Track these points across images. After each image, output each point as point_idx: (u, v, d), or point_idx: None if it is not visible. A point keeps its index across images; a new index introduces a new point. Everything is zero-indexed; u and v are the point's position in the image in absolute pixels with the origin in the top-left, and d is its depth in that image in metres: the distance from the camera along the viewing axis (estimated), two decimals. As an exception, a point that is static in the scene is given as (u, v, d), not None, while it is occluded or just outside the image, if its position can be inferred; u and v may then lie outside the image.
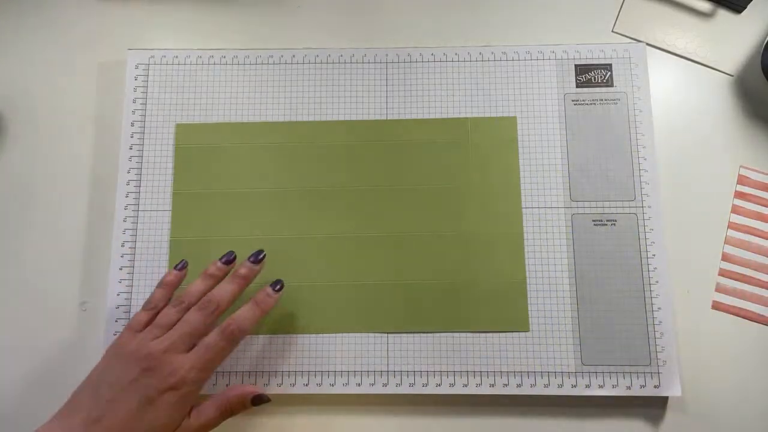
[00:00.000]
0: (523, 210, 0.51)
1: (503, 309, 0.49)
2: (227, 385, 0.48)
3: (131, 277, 0.50)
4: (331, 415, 0.48)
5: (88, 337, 0.50)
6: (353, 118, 0.53)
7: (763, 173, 0.53)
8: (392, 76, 0.54)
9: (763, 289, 0.50)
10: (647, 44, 0.55)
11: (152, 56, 0.54)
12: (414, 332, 0.49)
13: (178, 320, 0.42)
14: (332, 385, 0.48)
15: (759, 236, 0.51)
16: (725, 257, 0.51)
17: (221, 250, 0.50)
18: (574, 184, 0.51)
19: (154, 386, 0.39)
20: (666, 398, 0.48)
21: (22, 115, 0.54)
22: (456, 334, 0.49)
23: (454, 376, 0.48)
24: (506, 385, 0.48)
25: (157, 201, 0.51)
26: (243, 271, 0.45)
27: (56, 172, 0.53)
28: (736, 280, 0.51)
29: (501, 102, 0.53)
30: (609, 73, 0.53)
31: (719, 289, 0.50)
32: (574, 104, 0.53)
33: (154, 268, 0.50)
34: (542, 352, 0.48)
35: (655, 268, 0.49)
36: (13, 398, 0.49)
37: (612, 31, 0.56)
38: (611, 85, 0.53)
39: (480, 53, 0.54)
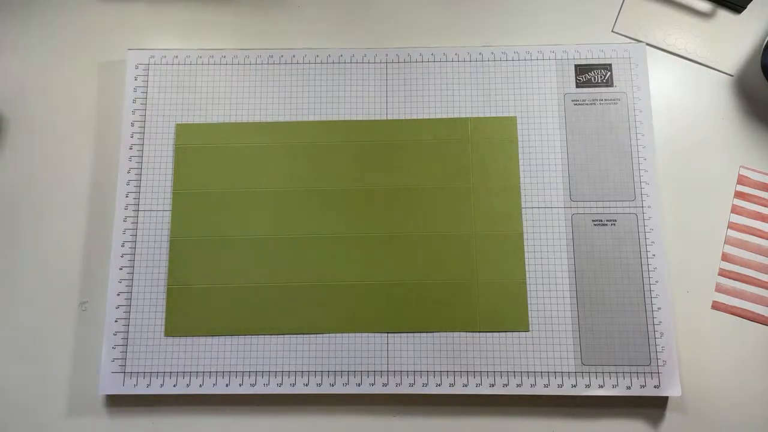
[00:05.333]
0: (523, 210, 0.51)
1: (503, 309, 0.49)
2: (227, 385, 0.48)
3: (131, 277, 0.50)
4: (332, 415, 0.48)
5: (88, 337, 0.50)
6: (353, 118, 0.53)
7: (763, 173, 0.53)
8: (392, 76, 0.54)
9: (763, 289, 0.50)
10: (647, 44, 0.55)
11: (152, 56, 0.54)
12: (414, 332, 0.49)
13: None
14: (332, 385, 0.48)
15: (759, 236, 0.51)
16: (725, 257, 0.51)
17: (221, 250, 0.50)
18: (574, 184, 0.51)
19: None
20: (666, 398, 0.48)
21: (22, 115, 0.54)
22: (456, 334, 0.49)
23: (454, 376, 0.48)
24: (506, 385, 0.48)
25: (157, 201, 0.51)
26: None
27: (56, 172, 0.53)
28: (736, 280, 0.51)
29: (501, 102, 0.53)
30: (609, 73, 0.53)
31: (719, 289, 0.50)
32: (574, 104, 0.53)
33: (154, 268, 0.50)
34: (542, 352, 0.48)
35: (655, 268, 0.49)
36: (13, 398, 0.49)
37: (612, 31, 0.56)
38: (611, 85, 0.53)
39: (480, 53, 0.54)
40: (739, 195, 0.52)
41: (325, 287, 0.50)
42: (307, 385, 0.48)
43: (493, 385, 0.48)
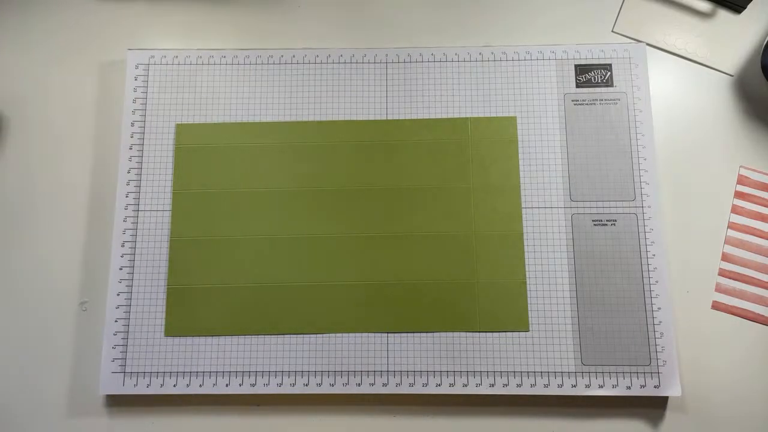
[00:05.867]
0: (523, 210, 0.51)
1: (503, 309, 0.49)
2: (227, 385, 0.48)
3: (131, 277, 0.50)
4: (331, 415, 0.48)
5: (88, 337, 0.50)
6: (353, 118, 0.53)
7: (763, 173, 0.53)
8: (392, 76, 0.54)
9: (763, 289, 0.50)
10: (647, 44, 0.55)
11: (152, 56, 0.54)
12: (414, 332, 0.49)
13: None
14: (332, 385, 0.48)
15: (759, 236, 0.51)
16: (725, 257, 0.51)
17: (221, 250, 0.50)
18: (574, 184, 0.51)
19: None
20: (666, 398, 0.48)
21: (22, 115, 0.54)
22: (456, 334, 0.49)
23: (454, 376, 0.48)
24: (506, 385, 0.48)
25: (157, 201, 0.51)
26: None
27: (56, 172, 0.53)
28: (736, 280, 0.51)
29: (501, 102, 0.53)
30: (609, 73, 0.53)
31: (719, 289, 0.50)
32: (574, 104, 0.53)
33: (154, 268, 0.50)
34: (542, 352, 0.48)
35: (655, 268, 0.49)
36: (13, 397, 0.49)
37: (612, 31, 0.56)
38: (611, 85, 0.53)
39: (480, 53, 0.54)
40: (739, 195, 0.52)
41: (325, 287, 0.50)
42: (307, 385, 0.48)
43: (493, 385, 0.48)
